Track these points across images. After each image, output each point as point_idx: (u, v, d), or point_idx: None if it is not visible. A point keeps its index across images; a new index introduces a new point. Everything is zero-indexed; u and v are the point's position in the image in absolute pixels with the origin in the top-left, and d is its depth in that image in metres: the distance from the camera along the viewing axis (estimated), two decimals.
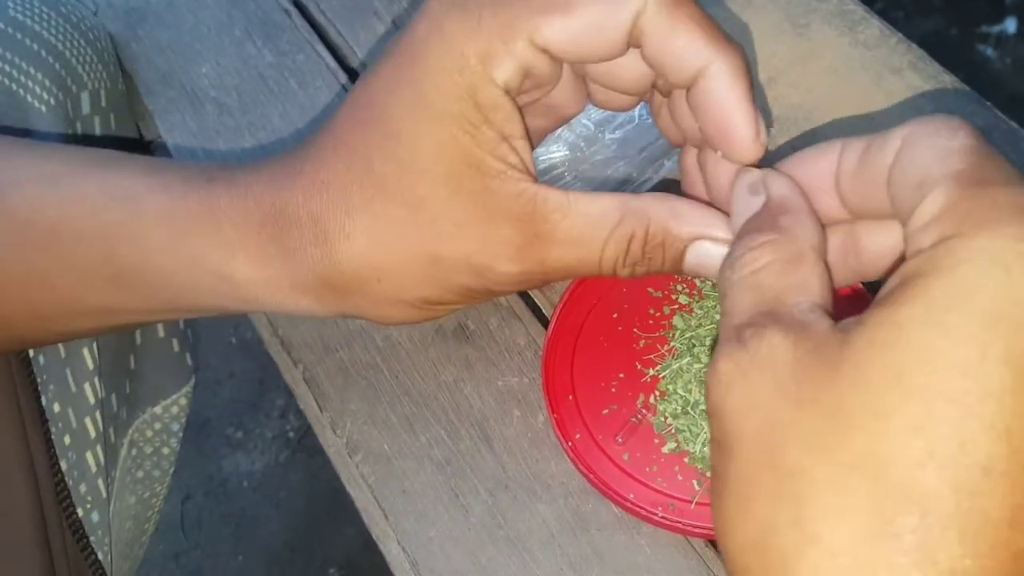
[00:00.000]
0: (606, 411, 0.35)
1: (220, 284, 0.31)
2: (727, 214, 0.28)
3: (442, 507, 0.35)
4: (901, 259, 0.22)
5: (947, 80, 0.42)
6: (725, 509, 0.22)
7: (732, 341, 0.22)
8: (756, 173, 0.27)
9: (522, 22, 0.27)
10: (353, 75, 0.47)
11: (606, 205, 0.28)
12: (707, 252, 0.28)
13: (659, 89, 0.30)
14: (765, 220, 0.25)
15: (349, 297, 0.31)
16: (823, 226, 0.25)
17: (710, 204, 0.29)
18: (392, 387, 0.38)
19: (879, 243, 0.27)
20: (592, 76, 0.30)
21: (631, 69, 0.29)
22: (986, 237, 0.20)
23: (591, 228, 0.28)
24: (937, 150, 0.22)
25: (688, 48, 0.27)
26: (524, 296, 0.40)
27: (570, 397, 0.35)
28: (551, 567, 0.34)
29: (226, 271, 0.31)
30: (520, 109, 0.28)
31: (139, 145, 0.50)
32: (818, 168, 0.26)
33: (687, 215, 0.28)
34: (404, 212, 0.29)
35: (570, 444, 0.34)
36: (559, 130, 0.38)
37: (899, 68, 0.42)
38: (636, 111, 0.40)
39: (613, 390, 0.35)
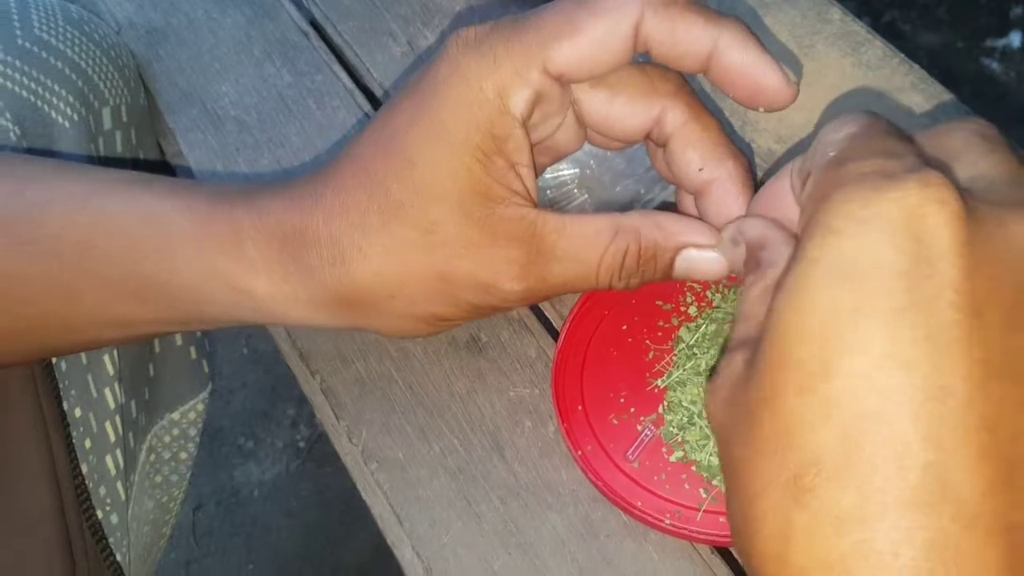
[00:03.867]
0: (615, 421, 0.36)
1: (241, 299, 0.33)
2: (710, 223, 0.32)
3: (455, 514, 0.36)
4: None
5: (948, 99, 0.43)
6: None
7: (721, 361, 0.26)
8: (731, 226, 0.30)
9: (534, 54, 0.29)
10: (369, 94, 0.49)
11: (600, 224, 0.31)
12: (693, 257, 0.32)
13: (653, 140, 0.33)
14: (751, 261, 0.28)
15: (363, 312, 0.33)
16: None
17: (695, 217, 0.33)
18: (407, 397, 0.39)
19: None
20: (591, 124, 0.33)
21: (626, 120, 0.32)
22: (822, 210, 0.22)
23: (587, 245, 0.31)
24: (823, 145, 0.25)
25: (692, 34, 0.29)
26: (535, 309, 0.41)
27: (580, 407, 0.36)
28: (562, 573, 0.35)
29: (247, 288, 0.33)
30: (530, 139, 0.31)
31: (162, 166, 0.52)
32: (780, 190, 0.29)
33: (672, 228, 0.31)
34: (417, 234, 0.31)
35: (580, 453, 0.35)
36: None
37: (901, 88, 0.43)
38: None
39: (622, 400, 0.36)
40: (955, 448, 0.20)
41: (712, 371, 0.35)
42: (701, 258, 0.31)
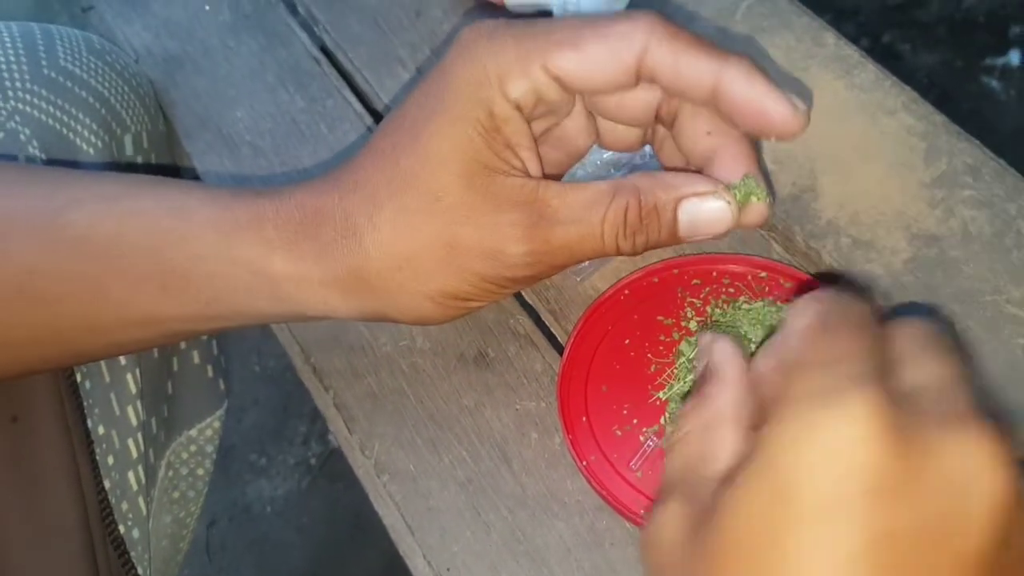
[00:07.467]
0: (619, 432, 0.37)
1: (257, 282, 0.34)
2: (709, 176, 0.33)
3: (465, 524, 0.38)
4: None
5: (938, 120, 0.44)
6: None
7: (653, 508, 0.27)
8: (706, 338, 0.30)
9: (538, 51, 0.31)
10: (379, 119, 0.50)
11: (600, 186, 0.33)
12: (696, 207, 0.32)
13: (662, 119, 0.34)
14: (698, 386, 0.29)
15: (374, 291, 0.34)
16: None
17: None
18: (417, 411, 0.40)
19: None
20: (600, 108, 0.34)
21: (636, 99, 0.33)
22: (775, 421, 0.23)
23: (588, 206, 0.32)
24: (786, 335, 0.26)
25: (696, 67, 0.31)
26: (540, 324, 0.42)
27: (584, 419, 0.38)
28: None
29: (264, 268, 0.34)
30: (530, 125, 0.33)
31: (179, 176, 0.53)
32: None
33: (670, 180, 0.33)
34: (424, 202, 0.32)
35: (584, 464, 0.37)
36: (573, 170, 0.41)
37: (893, 109, 0.45)
38: (647, 149, 0.43)
39: (625, 412, 0.38)
40: None
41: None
42: (704, 208, 0.32)
